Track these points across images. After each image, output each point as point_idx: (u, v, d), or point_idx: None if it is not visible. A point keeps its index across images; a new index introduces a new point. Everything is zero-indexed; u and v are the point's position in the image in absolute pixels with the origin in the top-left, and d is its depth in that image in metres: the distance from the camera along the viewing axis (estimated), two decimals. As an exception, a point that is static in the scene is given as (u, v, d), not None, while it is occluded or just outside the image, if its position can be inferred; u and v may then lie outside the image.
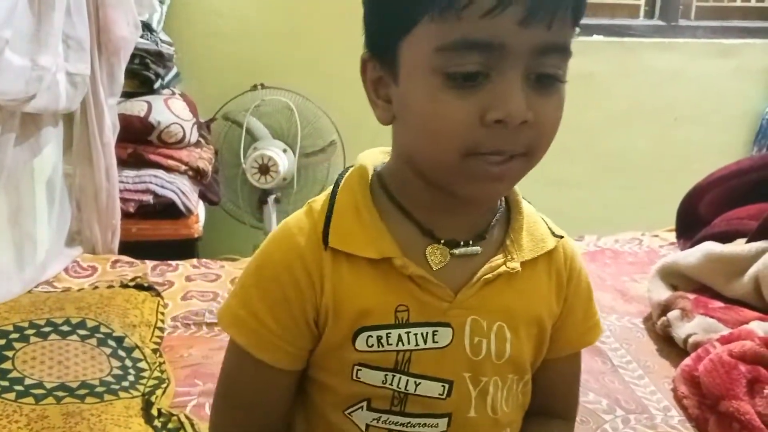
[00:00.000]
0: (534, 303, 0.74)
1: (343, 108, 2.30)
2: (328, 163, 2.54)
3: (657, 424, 1.22)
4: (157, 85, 2.17)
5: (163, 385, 1.23)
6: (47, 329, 1.30)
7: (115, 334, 1.33)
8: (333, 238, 0.69)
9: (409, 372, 0.70)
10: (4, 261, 1.54)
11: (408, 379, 0.70)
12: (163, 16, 2.35)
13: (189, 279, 1.71)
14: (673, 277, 1.62)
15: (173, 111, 2.13)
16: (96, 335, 1.31)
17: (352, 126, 2.18)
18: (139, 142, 2.06)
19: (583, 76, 2.80)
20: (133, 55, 1.91)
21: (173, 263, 1.78)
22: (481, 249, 0.71)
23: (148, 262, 1.78)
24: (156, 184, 2.01)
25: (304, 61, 2.61)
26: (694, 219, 1.86)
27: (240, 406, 0.75)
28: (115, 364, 1.25)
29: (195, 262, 1.82)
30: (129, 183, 1.98)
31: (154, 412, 1.14)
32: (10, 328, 1.29)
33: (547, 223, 0.77)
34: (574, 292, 0.78)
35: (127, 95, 2.04)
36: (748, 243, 1.58)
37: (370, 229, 0.69)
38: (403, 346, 0.69)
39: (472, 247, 0.71)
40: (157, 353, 1.34)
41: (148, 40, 2.12)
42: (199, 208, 2.18)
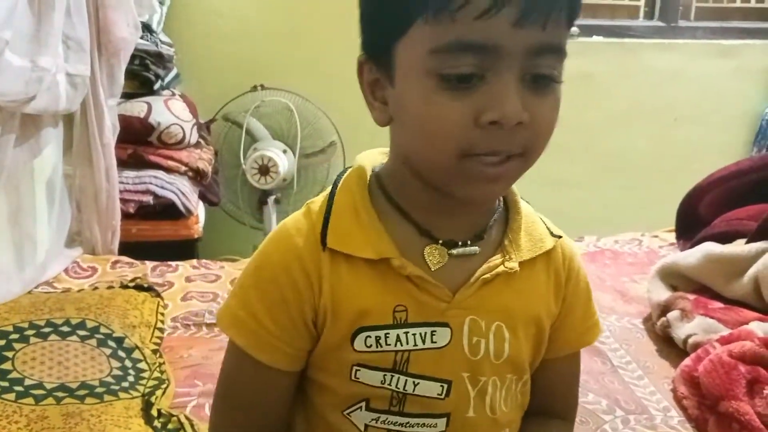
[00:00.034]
0: (532, 303, 0.74)
1: (343, 109, 2.30)
2: (328, 164, 2.54)
3: (657, 425, 1.22)
4: (157, 86, 2.17)
5: (163, 385, 1.23)
6: (47, 330, 1.30)
7: (115, 335, 1.33)
8: (331, 238, 0.69)
9: (407, 372, 0.70)
10: (4, 261, 1.54)
11: (406, 379, 0.70)
12: (163, 17, 2.35)
13: (189, 280, 1.71)
14: (673, 277, 1.62)
15: (173, 112, 2.13)
16: (96, 336, 1.31)
17: (352, 127, 2.18)
18: (139, 143, 2.06)
19: (583, 76, 2.80)
20: (133, 56, 1.91)
21: (173, 264, 1.78)
22: (479, 249, 0.71)
23: (148, 262, 1.78)
24: (156, 185, 2.01)
25: (304, 61, 2.61)
26: (694, 219, 1.86)
27: (239, 407, 0.75)
28: (115, 365, 1.25)
29: (195, 262, 1.82)
30: (129, 184, 1.98)
31: (154, 412, 1.14)
32: (10, 328, 1.29)
33: (546, 223, 0.77)
34: (573, 292, 0.78)
35: (127, 96, 2.04)
36: (747, 243, 1.58)
37: (368, 229, 0.69)
38: (401, 346, 0.69)
39: (471, 248, 0.71)
40: (157, 354, 1.34)
41: (148, 41, 2.13)
42: (199, 209, 2.18)
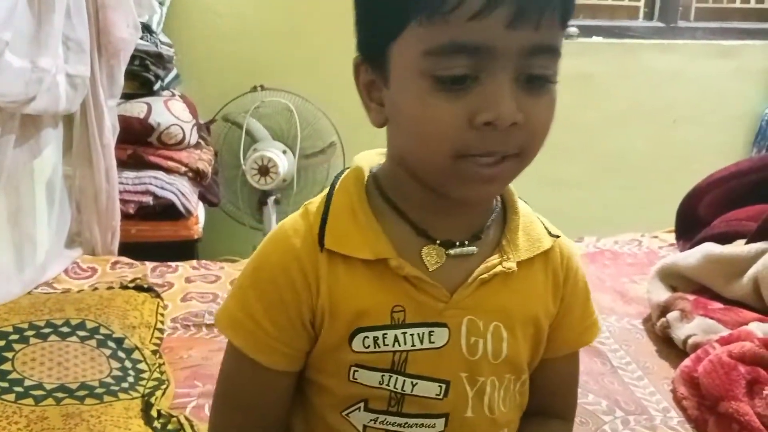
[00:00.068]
0: (530, 303, 0.74)
1: (343, 109, 2.29)
2: (328, 165, 2.54)
3: (656, 425, 1.22)
4: (156, 86, 2.17)
5: (163, 386, 1.23)
6: (47, 330, 1.30)
7: (114, 336, 1.33)
8: (329, 239, 0.69)
9: (405, 372, 0.70)
10: (4, 262, 1.54)
11: (405, 380, 0.70)
12: (163, 18, 2.35)
13: (189, 280, 1.71)
14: (673, 278, 1.62)
15: (173, 112, 2.13)
16: (96, 336, 1.31)
17: (352, 127, 2.17)
18: (138, 144, 2.06)
19: (583, 77, 2.80)
20: (132, 57, 1.91)
21: (173, 264, 1.78)
22: (477, 249, 0.71)
23: (147, 263, 1.78)
24: (156, 186, 2.01)
25: (304, 62, 2.61)
26: (694, 220, 1.86)
27: (238, 408, 0.75)
28: (115, 366, 1.25)
29: (195, 263, 1.82)
30: (129, 184, 1.98)
31: (154, 413, 1.14)
32: (10, 329, 1.29)
33: (544, 223, 0.77)
34: (571, 292, 0.78)
35: (126, 97, 2.04)
36: (747, 244, 1.58)
37: (365, 230, 0.69)
38: (399, 346, 0.69)
39: (468, 248, 0.71)
40: (157, 354, 1.34)
41: (147, 41, 2.13)
42: (199, 210, 2.18)
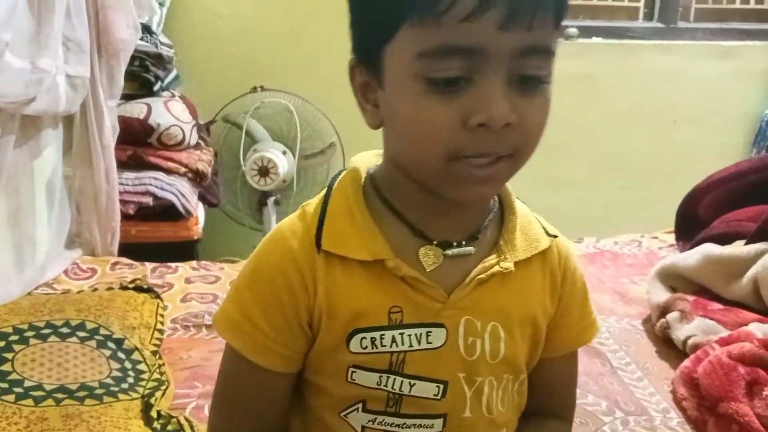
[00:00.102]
0: (528, 303, 0.74)
1: (343, 110, 2.29)
2: (328, 165, 2.54)
3: (656, 426, 1.22)
4: (156, 87, 2.17)
5: (163, 387, 1.23)
6: (47, 331, 1.30)
7: (114, 336, 1.33)
8: (326, 240, 0.69)
9: (403, 373, 0.70)
10: (4, 263, 1.54)
11: (402, 380, 0.70)
12: (163, 19, 2.36)
13: (188, 281, 1.71)
14: (673, 278, 1.62)
15: (173, 113, 2.13)
16: (95, 337, 1.31)
17: (352, 128, 2.17)
18: (138, 144, 2.06)
19: (583, 77, 2.81)
20: (132, 58, 1.91)
21: (173, 265, 1.78)
22: (474, 249, 0.71)
23: (147, 264, 1.78)
24: (156, 186, 2.01)
25: (304, 63, 2.61)
26: (694, 221, 1.86)
27: (237, 409, 0.75)
28: (115, 366, 1.25)
29: (194, 264, 1.82)
30: (129, 185, 1.98)
31: (154, 414, 1.14)
32: (10, 330, 1.29)
33: (541, 223, 0.77)
34: (569, 292, 0.78)
35: (126, 97, 2.04)
36: (747, 245, 1.58)
37: (362, 231, 0.69)
38: (397, 347, 0.69)
39: (465, 248, 0.71)
40: (157, 355, 1.34)
41: (147, 42, 2.13)
42: (199, 210, 2.18)
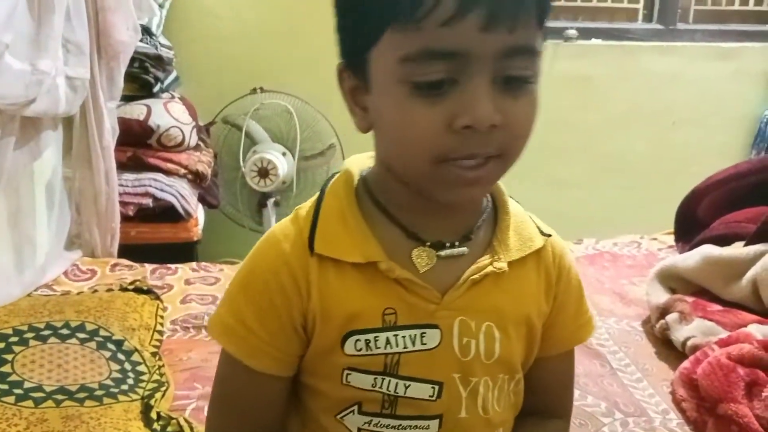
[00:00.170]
0: (522, 302, 0.74)
1: (342, 111, 2.28)
2: (327, 167, 2.54)
3: (656, 427, 1.22)
4: (156, 88, 2.17)
5: (162, 388, 1.23)
6: (46, 332, 1.30)
7: (114, 338, 1.33)
8: (319, 243, 0.69)
9: (398, 374, 0.70)
10: (4, 264, 1.54)
11: (397, 382, 0.70)
12: (163, 20, 2.36)
13: (188, 282, 1.71)
14: (672, 280, 1.62)
15: (172, 114, 2.13)
16: (95, 338, 1.31)
17: (351, 129, 2.16)
18: (138, 146, 2.06)
19: (582, 79, 2.81)
20: (132, 59, 1.91)
21: (172, 266, 1.78)
22: (467, 250, 0.71)
23: (147, 265, 1.78)
24: (155, 188, 2.01)
25: (304, 64, 2.61)
26: (693, 222, 1.86)
27: (233, 412, 0.75)
28: (115, 368, 1.25)
29: (194, 265, 1.82)
30: (128, 186, 1.98)
31: (153, 415, 1.14)
32: (10, 331, 1.29)
33: (535, 222, 0.77)
34: (564, 290, 0.78)
35: (126, 99, 2.05)
36: (746, 246, 1.58)
37: (355, 233, 0.69)
38: (391, 348, 0.69)
39: (459, 249, 0.71)
40: (157, 356, 1.34)
41: (147, 43, 2.13)
42: (199, 212, 2.18)
